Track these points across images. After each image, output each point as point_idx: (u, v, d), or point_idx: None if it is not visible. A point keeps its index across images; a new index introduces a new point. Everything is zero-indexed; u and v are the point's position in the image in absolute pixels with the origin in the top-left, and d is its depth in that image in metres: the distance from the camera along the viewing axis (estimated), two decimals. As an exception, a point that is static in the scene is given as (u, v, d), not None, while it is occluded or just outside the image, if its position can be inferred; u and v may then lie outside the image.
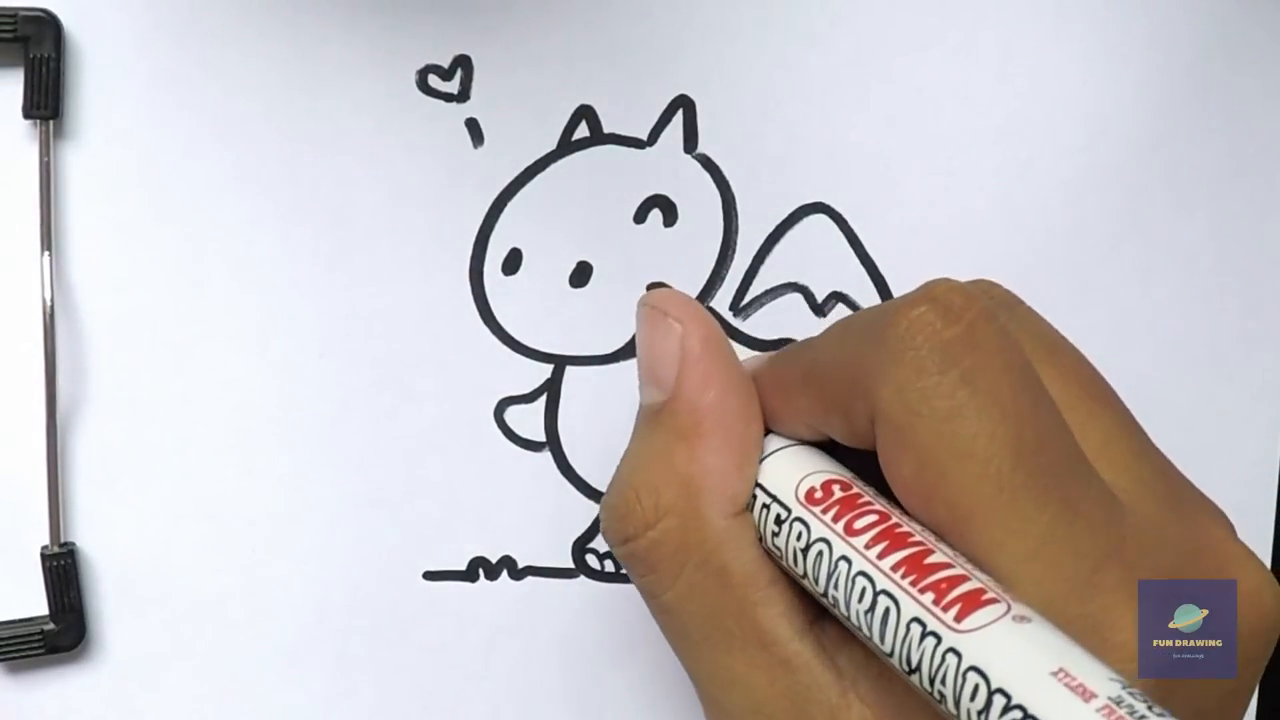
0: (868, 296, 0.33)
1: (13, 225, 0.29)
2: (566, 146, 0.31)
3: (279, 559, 0.31)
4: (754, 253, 0.32)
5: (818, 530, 0.21)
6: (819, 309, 0.33)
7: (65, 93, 0.29)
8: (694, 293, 0.32)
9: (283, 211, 0.30)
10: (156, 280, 0.30)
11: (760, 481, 0.23)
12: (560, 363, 0.32)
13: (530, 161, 0.31)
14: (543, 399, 0.32)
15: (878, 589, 0.19)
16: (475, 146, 0.31)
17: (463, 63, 0.31)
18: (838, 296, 0.33)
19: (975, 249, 0.33)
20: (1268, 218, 0.35)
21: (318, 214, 0.30)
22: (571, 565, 0.33)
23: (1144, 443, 0.23)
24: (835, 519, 0.21)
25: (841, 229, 0.33)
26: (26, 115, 0.28)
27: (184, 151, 0.30)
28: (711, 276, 0.32)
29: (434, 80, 0.30)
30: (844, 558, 0.20)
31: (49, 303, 0.29)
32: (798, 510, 0.22)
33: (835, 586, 0.20)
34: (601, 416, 0.32)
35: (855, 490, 0.22)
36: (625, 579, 0.33)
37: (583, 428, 0.32)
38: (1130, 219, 0.34)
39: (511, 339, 0.32)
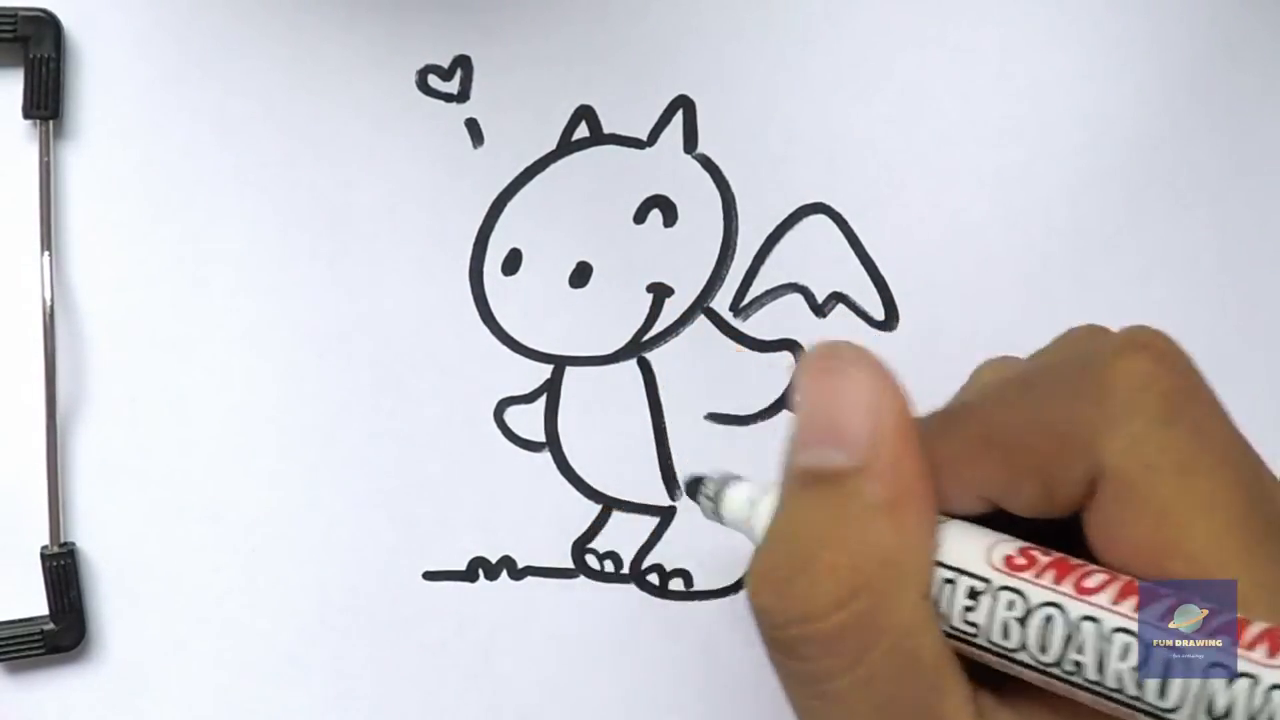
0: (868, 296, 0.33)
1: (13, 225, 0.29)
2: (566, 146, 0.31)
3: (279, 559, 0.31)
4: (754, 253, 0.32)
5: (1039, 595, 0.20)
6: (819, 309, 0.33)
7: (65, 93, 0.29)
8: (694, 293, 0.32)
9: (283, 211, 0.30)
10: (156, 280, 0.30)
11: (935, 558, 0.22)
12: (560, 363, 0.32)
13: (530, 161, 0.31)
14: (543, 399, 0.32)
15: (1148, 641, 0.18)
16: (475, 146, 0.31)
17: (463, 63, 0.31)
18: (838, 296, 0.33)
19: (975, 249, 0.33)
20: (1268, 218, 0.35)
21: (318, 214, 0.30)
22: (571, 565, 0.33)
23: None
24: (1057, 581, 0.20)
25: (841, 229, 0.33)
26: (26, 115, 0.28)
27: (184, 151, 0.30)
28: (711, 276, 0.32)
29: (434, 80, 0.30)
30: (1089, 618, 0.19)
31: (49, 303, 0.29)
32: (1000, 579, 0.21)
33: (1080, 651, 0.19)
34: (601, 416, 0.32)
35: (1059, 555, 0.21)
36: (625, 579, 0.32)
37: (583, 428, 0.32)
38: (1130, 219, 0.34)
39: (511, 339, 0.32)
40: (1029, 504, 0.21)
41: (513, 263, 0.31)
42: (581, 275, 0.32)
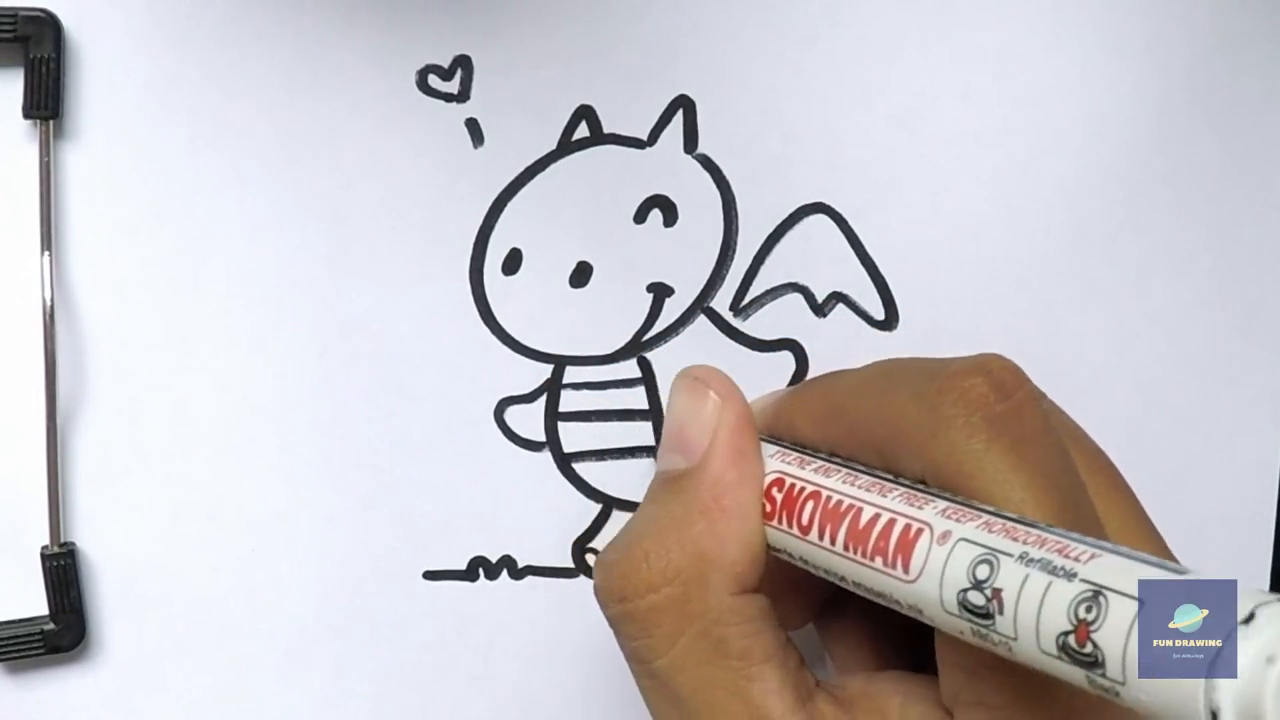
0: (868, 296, 0.33)
1: (13, 225, 0.29)
2: (566, 146, 0.31)
3: (279, 559, 0.31)
4: (754, 253, 0.32)
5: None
6: (819, 309, 0.33)
7: (65, 93, 0.29)
8: (694, 293, 0.32)
9: (283, 211, 0.30)
10: (156, 280, 0.30)
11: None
12: (560, 363, 0.32)
13: (530, 161, 0.31)
14: (543, 399, 0.32)
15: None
16: (475, 146, 0.31)
17: (463, 63, 0.31)
18: (838, 296, 0.33)
19: (975, 249, 0.33)
20: (1267, 218, 0.35)
21: (318, 214, 0.30)
22: (571, 565, 0.33)
23: (1155, 531, 0.25)
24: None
25: (841, 229, 0.33)
26: (26, 115, 0.28)
27: (184, 151, 0.30)
28: (711, 276, 0.32)
29: (434, 80, 0.30)
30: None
31: (49, 303, 0.29)
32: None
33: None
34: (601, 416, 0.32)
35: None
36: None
37: (583, 428, 0.32)
38: (1130, 219, 0.34)
39: (511, 339, 0.32)
40: (874, 466, 0.24)
41: (513, 263, 0.31)
42: (581, 275, 0.32)
